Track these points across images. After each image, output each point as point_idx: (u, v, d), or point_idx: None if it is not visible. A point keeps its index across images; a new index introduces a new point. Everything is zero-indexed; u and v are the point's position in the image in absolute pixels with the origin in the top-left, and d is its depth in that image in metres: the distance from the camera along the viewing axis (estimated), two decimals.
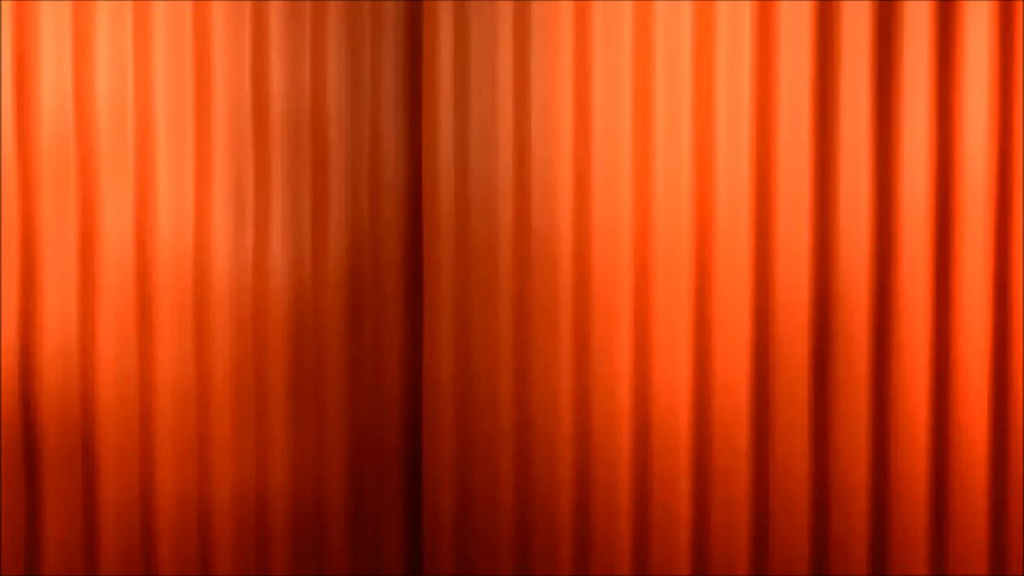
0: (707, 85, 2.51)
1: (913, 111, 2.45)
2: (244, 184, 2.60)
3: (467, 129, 2.58)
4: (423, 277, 2.65)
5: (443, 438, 2.62)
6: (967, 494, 2.47)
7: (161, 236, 2.54)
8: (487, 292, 2.59)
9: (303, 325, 2.66)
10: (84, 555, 2.53)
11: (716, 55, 2.50)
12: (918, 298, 2.47)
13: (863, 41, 2.46)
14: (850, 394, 2.49)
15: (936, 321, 2.48)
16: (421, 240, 2.71)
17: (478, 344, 2.59)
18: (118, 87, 2.50)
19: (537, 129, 2.55)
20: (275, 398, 2.65)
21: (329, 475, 2.70)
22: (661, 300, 2.54)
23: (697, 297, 2.53)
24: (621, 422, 2.55)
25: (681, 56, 2.51)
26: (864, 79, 2.46)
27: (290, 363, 2.65)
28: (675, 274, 2.53)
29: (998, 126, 2.44)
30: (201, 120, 2.56)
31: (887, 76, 2.46)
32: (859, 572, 2.51)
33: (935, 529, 2.49)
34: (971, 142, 2.44)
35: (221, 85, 2.57)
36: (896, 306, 2.48)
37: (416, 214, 2.71)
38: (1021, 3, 2.43)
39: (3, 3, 2.42)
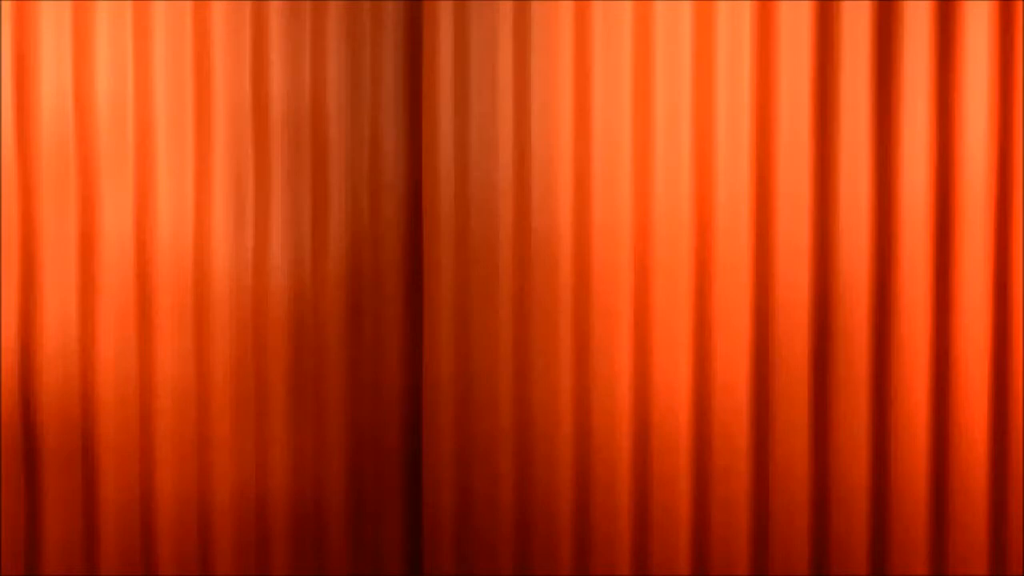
0: (707, 85, 2.51)
1: (913, 111, 2.45)
2: (244, 184, 2.60)
3: (467, 129, 2.58)
4: (423, 277, 2.65)
5: (443, 438, 2.62)
6: (967, 494, 2.47)
7: (161, 236, 2.54)
8: (487, 292, 2.59)
9: (303, 325, 2.66)
10: (84, 555, 2.53)
11: (716, 55, 2.50)
12: (918, 298, 2.47)
13: (863, 41, 2.46)
14: (850, 394, 2.49)
15: (936, 321, 2.48)
16: (421, 240, 2.71)
17: (478, 344, 2.59)
18: (118, 87, 2.50)
19: (537, 129, 2.55)
20: (275, 398, 2.65)
21: (329, 475, 2.70)
22: (661, 300, 2.54)
23: (697, 297, 2.53)
24: (621, 422, 2.55)
25: (681, 56, 2.51)
26: (864, 79, 2.46)
27: (290, 363, 2.65)
28: (675, 274, 2.53)
29: (998, 126, 2.44)
30: (201, 120, 2.56)
31: (887, 76, 2.46)
32: (859, 572, 2.51)
33: (935, 529, 2.49)
34: (971, 142, 2.44)
35: (221, 85, 2.57)
36: (896, 306, 2.48)
37: (416, 214, 2.71)
38: (1021, 3, 2.43)
39: (3, 3, 2.42)
